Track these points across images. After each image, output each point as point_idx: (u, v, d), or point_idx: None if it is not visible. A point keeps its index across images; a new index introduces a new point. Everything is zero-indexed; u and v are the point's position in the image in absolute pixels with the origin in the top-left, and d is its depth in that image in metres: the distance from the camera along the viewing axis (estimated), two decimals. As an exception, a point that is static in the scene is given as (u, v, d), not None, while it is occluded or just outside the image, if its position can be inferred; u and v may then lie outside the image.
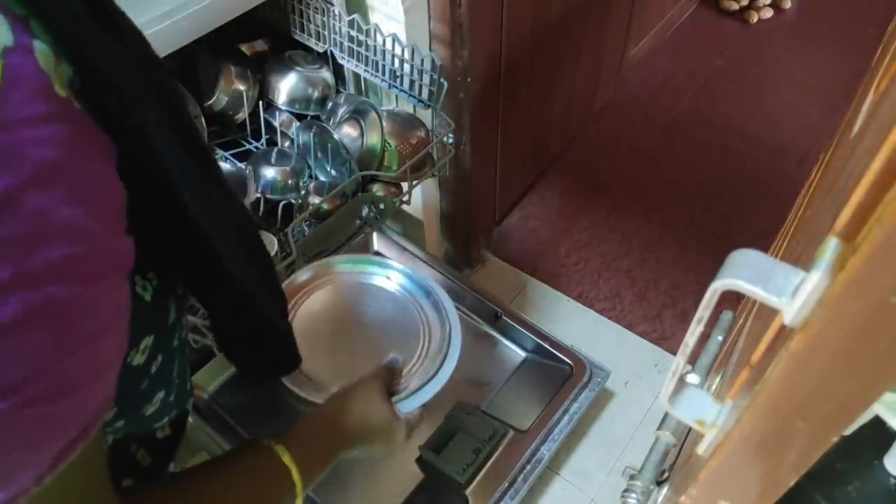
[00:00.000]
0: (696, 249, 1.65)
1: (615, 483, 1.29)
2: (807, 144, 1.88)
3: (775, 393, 0.29)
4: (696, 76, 2.11)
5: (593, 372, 1.29)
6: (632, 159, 1.88)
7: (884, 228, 0.21)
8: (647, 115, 2.00)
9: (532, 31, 1.39)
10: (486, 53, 1.27)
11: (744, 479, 0.35)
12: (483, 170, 1.44)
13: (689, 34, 2.26)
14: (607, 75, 1.90)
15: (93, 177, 0.29)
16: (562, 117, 1.76)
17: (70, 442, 0.29)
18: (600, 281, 1.61)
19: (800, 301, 0.26)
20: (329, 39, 1.14)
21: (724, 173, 1.83)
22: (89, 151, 0.29)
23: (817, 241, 0.34)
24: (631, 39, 1.91)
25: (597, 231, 1.71)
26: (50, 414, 0.27)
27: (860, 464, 0.54)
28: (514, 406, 1.26)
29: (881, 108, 0.43)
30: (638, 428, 1.35)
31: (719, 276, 0.30)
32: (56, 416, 0.27)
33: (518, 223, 1.73)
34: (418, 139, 1.15)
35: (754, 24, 2.28)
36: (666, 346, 1.48)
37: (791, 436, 0.30)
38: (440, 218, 1.51)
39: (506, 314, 1.36)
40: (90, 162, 0.29)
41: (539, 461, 1.18)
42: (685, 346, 0.36)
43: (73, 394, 0.27)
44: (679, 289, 1.58)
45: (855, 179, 0.30)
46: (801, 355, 0.26)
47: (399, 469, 1.20)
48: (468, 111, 1.25)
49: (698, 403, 0.40)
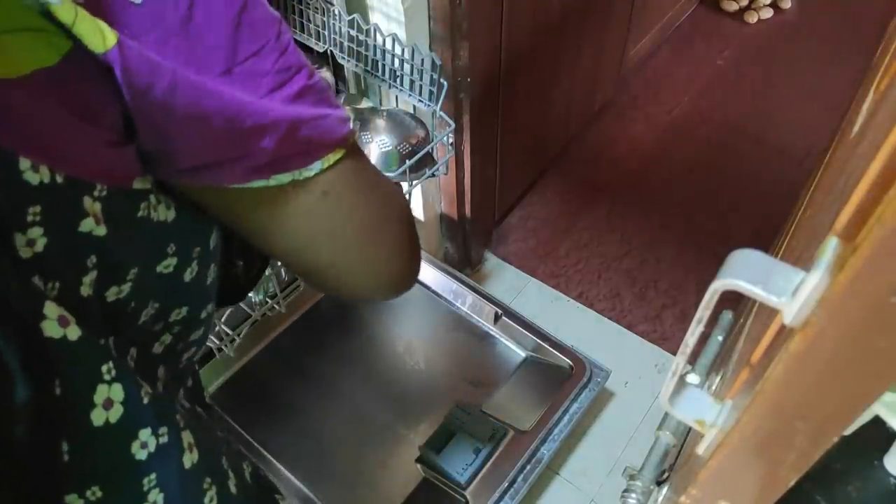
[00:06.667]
0: (696, 249, 1.65)
1: (615, 483, 1.29)
2: (807, 144, 1.88)
3: (775, 393, 0.29)
4: (696, 76, 2.11)
5: (593, 372, 1.29)
6: (632, 159, 1.88)
7: (884, 228, 0.21)
8: (647, 115, 1.99)
9: (532, 31, 1.39)
10: (486, 53, 1.27)
11: (744, 479, 0.35)
12: (483, 170, 1.44)
13: (689, 34, 2.26)
14: (607, 75, 1.90)
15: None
16: (561, 117, 1.76)
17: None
18: (600, 281, 1.61)
19: (800, 301, 0.26)
20: (329, 39, 1.14)
21: (724, 173, 1.83)
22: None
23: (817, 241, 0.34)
24: (631, 39, 1.91)
25: (597, 231, 1.71)
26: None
27: (860, 464, 0.54)
28: (514, 406, 1.26)
29: (881, 108, 0.43)
30: (638, 428, 1.36)
31: (719, 276, 0.30)
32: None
33: (518, 223, 1.73)
34: (418, 139, 1.15)
35: (754, 24, 2.28)
36: (666, 346, 1.48)
37: (791, 436, 0.30)
38: (440, 218, 1.51)
39: (506, 314, 1.36)
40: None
41: (539, 461, 1.18)
42: (685, 346, 0.36)
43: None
44: (679, 289, 1.58)
45: (855, 179, 0.30)
46: (801, 355, 0.26)
47: (399, 469, 1.20)
48: (468, 111, 1.25)
49: (698, 403, 0.40)
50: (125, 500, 0.37)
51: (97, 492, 0.35)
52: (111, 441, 0.36)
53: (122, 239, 0.35)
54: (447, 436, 1.18)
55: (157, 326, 0.42)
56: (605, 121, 1.97)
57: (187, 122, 0.33)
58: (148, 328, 0.41)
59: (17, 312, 0.30)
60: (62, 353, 0.32)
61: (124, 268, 0.36)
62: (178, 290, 0.41)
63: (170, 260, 0.39)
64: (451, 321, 1.39)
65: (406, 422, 1.26)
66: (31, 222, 0.30)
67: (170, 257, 0.39)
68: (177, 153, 0.36)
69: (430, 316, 1.41)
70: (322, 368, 1.32)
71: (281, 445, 1.19)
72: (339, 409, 1.27)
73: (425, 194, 1.40)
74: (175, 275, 0.40)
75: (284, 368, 1.31)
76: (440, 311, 1.41)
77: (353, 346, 1.36)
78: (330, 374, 1.31)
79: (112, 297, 0.36)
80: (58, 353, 0.32)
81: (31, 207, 0.30)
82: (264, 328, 1.31)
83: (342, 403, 1.27)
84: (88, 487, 0.35)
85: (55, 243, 0.31)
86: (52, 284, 0.32)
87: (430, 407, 1.27)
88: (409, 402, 1.29)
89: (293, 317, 1.35)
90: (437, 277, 1.41)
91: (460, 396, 1.26)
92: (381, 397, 1.29)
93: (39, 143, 0.29)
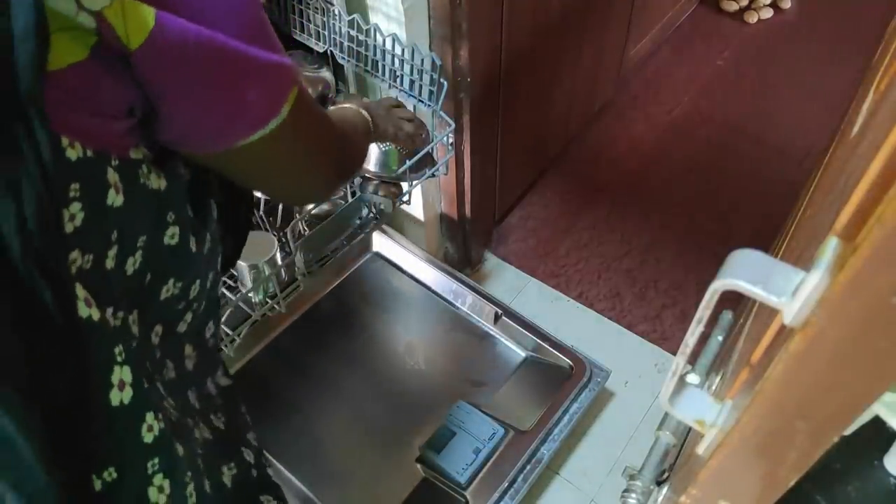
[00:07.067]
0: (696, 249, 1.65)
1: (615, 483, 1.29)
2: (807, 144, 1.88)
3: (775, 393, 0.29)
4: (696, 76, 2.11)
5: (593, 372, 1.29)
6: (632, 159, 1.88)
7: (884, 228, 0.21)
8: (647, 115, 1.99)
9: (532, 31, 1.39)
10: (486, 53, 1.26)
11: (744, 479, 0.35)
12: (483, 170, 1.44)
13: (689, 34, 2.26)
14: (607, 75, 1.90)
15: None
16: (562, 117, 1.76)
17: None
18: (600, 281, 1.61)
19: (800, 301, 0.26)
20: (329, 39, 1.14)
21: (723, 173, 1.83)
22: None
23: (817, 241, 0.34)
24: (631, 39, 1.91)
25: (597, 231, 1.71)
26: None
27: (860, 464, 0.54)
28: (514, 406, 1.26)
29: (881, 108, 0.43)
30: (638, 428, 1.36)
31: (719, 276, 0.30)
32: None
33: (518, 223, 1.73)
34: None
35: (754, 24, 2.28)
36: (666, 346, 1.48)
37: (791, 436, 0.30)
38: (440, 218, 1.51)
39: (506, 314, 1.36)
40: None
41: (539, 461, 1.18)
42: (685, 346, 0.36)
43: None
44: (679, 289, 1.58)
45: (855, 179, 0.30)
46: (801, 355, 0.26)
47: (399, 469, 1.20)
48: (468, 111, 1.25)
49: (698, 403, 0.40)
50: (136, 483, 0.39)
51: (112, 473, 0.37)
52: (125, 422, 0.38)
53: (133, 206, 0.38)
54: (447, 436, 1.18)
55: (180, 305, 0.46)
56: (605, 121, 1.97)
57: (201, 74, 0.37)
58: (172, 307, 0.45)
59: (67, 290, 0.33)
60: (91, 333, 0.35)
61: (135, 236, 0.39)
62: (188, 261, 0.45)
63: (172, 229, 0.42)
64: (451, 321, 1.39)
65: (406, 422, 1.26)
66: (73, 198, 0.34)
67: (171, 226, 0.42)
68: (193, 127, 0.40)
69: (430, 316, 1.41)
70: (322, 368, 1.32)
71: (281, 445, 1.19)
72: (339, 409, 1.27)
73: (425, 194, 1.40)
74: (181, 245, 0.43)
75: (284, 368, 1.31)
76: (440, 311, 1.41)
77: (354, 346, 1.36)
78: (330, 374, 1.31)
79: (130, 268, 0.39)
80: (87, 332, 0.35)
81: (73, 184, 0.33)
82: (264, 328, 1.31)
83: (342, 403, 1.27)
84: (105, 468, 0.37)
85: (89, 217, 0.35)
86: (88, 258, 0.35)
87: (430, 407, 1.27)
88: (409, 402, 1.29)
89: (293, 317, 1.35)
90: (437, 277, 1.41)
91: (460, 396, 1.26)
92: (381, 397, 1.29)
93: (72, 123, 0.33)
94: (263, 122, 0.42)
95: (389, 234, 1.46)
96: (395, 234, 1.47)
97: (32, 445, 0.31)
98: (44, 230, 0.31)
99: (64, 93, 0.33)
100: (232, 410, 0.58)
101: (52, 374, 0.33)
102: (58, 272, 0.33)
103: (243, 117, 0.41)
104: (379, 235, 1.45)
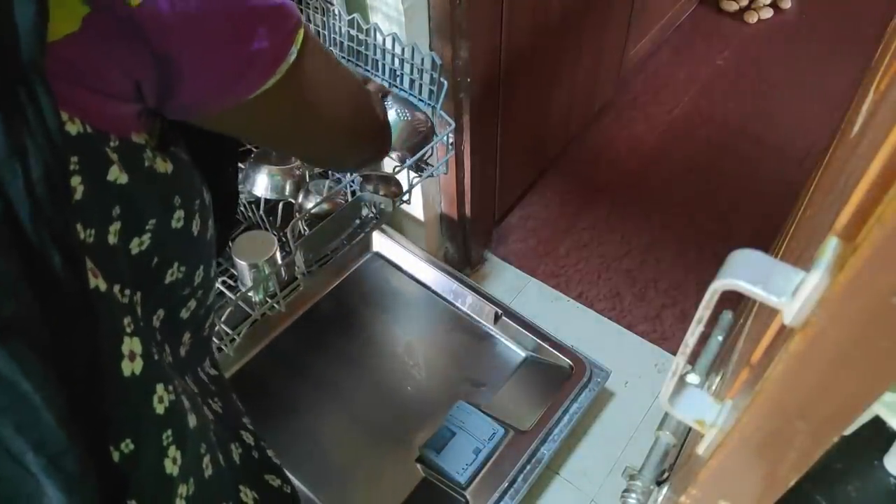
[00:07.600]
0: (696, 249, 1.65)
1: (615, 483, 1.29)
2: (807, 144, 1.88)
3: (775, 393, 0.29)
4: (696, 76, 2.11)
5: (593, 372, 1.29)
6: (632, 159, 1.88)
7: (884, 228, 0.21)
8: (647, 116, 1.99)
9: (532, 31, 1.39)
10: (486, 53, 1.27)
11: (744, 479, 0.35)
12: (483, 170, 1.44)
13: (689, 34, 2.26)
14: (607, 75, 1.90)
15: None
16: (562, 117, 1.76)
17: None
18: (600, 281, 1.61)
19: (800, 301, 0.26)
20: (329, 39, 1.14)
21: (723, 173, 1.83)
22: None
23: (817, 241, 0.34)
24: (631, 39, 1.91)
25: (597, 231, 1.71)
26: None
27: (860, 464, 0.54)
28: (514, 406, 1.26)
29: (881, 108, 0.43)
30: (638, 428, 1.36)
31: (719, 276, 0.30)
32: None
33: (518, 223, 1.73)
34: (426, 127, 1.15)
35: (754, 24, 2.28)
36: (666, 346, 1.48)
37: (791, 436, 0.30)
38: (440, 218, 1.51)
39: (506, 314, 1.36)
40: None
41: (539, 461, 1.18)
42: (685, 346, 0.36)
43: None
44: (679, 289, 1.58)
45: (855, 179, 0.30)
46: (801, 355, 0.26)
47: (399, 469, 1.20)
48: (468, 111, 1.25)
49: (698, 403, 0.40)
50: (152, 454, 0.39)
51: (129, 444, 0.37)
52: (137, 392, 0.38)
53: (141, 188, 0.38)
54: (447, 436, 1.18)
55: (185, 291, 0.46)
56: (605, 121, 1.97)
57: (205, 21, 0.37)
58: (177, 292, 0.45)
59: (77, 257, 0.33)
60: (100, 302, 0.35)
61: (144, 218, 0.39)
62: (192, 245, 0.45)
63: (178, 212, 0.42)
64: (451, 321, 1.39)
65: (406, 422, 1.26)
66: (73, 171, 0.33)
67: (177, 209, 0.42)
68: (205, 82, 0.40)
69: (430, 316, 1.41)
70: (322, 368, 1.32)
71: (281, 445, 1.19)
72: (338, 409, 1.27)
73: (425, 194, 1.40)
74: (185, 228, 0.43)
75: (284, 368, 1.31)
76: (440, 311, 1.41)
77: (353, 346, 1.36)
78: (330, 374, 1.31)
79: (136, 248, 0.39)
80: (97, 302, 0.35)
81: (73, 157, 0.33)
82: (264, 328, 1.31)
83: (342, 403, 1.27)
84: (122, 440, 0.37)
85: (89, 191, 0.34)
86: (89, 232, 0.35)
87: (430, 407, 1.27)
88: (409, 402, 1.29)
89: (293, 317, 1.35)
90: (437, 277, 1.41)
91: (460, 396, 1.26)
92: (380, 397, 1.29)
93: (70, 98, 0.33)
94: (273, 67, 0.41)
95: (389, 233, 1.46)
96: (395, 234, 1.47)
97: (51, 408, 0.31)
98: (52, 196, 0.31)
99: (61, 65, 0.32)
100: (225, 397, 0.58)
101: (65, 339, 0.32)
102: (68, 240, 0.32)
103: (252, 64, 0.40)
104: (379, 235, 1.45)
